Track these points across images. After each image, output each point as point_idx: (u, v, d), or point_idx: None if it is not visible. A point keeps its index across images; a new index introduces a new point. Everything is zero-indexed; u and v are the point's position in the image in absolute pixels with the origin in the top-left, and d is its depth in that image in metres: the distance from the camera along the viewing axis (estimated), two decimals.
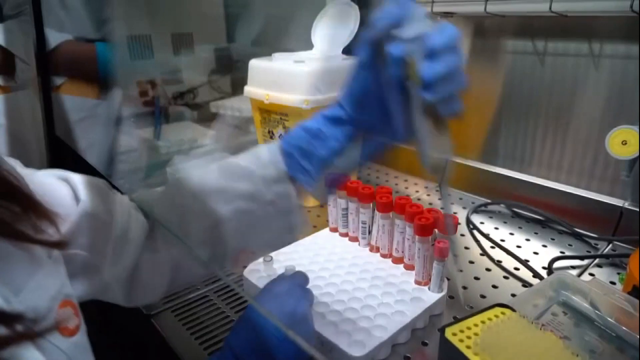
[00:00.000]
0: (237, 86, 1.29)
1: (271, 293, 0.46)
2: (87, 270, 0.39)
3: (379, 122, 0.39)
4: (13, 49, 0.77)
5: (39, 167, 0.85)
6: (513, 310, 0.51)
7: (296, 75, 0.77)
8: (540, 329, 0.46)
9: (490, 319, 0.49)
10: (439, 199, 0.93)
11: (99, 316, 0.83)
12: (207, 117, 1.22)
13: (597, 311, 0.53)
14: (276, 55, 0.86)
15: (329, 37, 0.87)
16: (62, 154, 0.81)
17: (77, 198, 0.39)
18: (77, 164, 0.80)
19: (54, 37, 0.80)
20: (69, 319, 0.31)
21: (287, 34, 1.13)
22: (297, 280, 0.49)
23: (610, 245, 0.74)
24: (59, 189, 0.39)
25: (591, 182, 0.80)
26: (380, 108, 0.37)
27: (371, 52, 0.36)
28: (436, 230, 0.56)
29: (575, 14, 0.72)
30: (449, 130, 0.36)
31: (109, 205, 0.42)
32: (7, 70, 0.78)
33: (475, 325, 0.49)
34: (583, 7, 0.69)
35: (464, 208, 0.88)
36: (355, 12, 0.84)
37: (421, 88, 0.32)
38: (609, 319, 0.52)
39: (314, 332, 0.46)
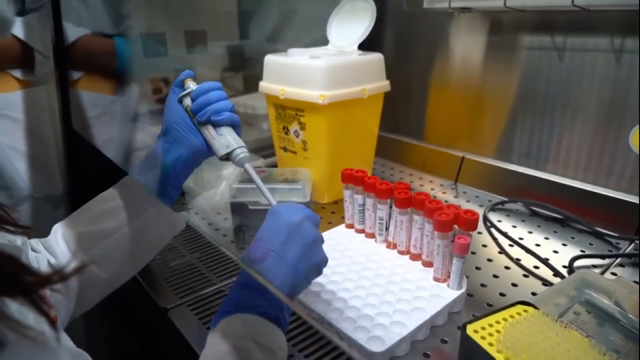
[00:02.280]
0: (249, 84, 1.29)
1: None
2: None
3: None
4: (32, 43, 0.77)
5: (57, 161, 0.86)
6: (536, 308, 0.50)
7: (313, 71, 0.76)
8: (565, 327, 0.45)
9: (512, 317, 0.49)
10: (455, 197, 0.92)
11: (117, 312, 0.83)
12: None
13: (622, 310, 0.52)
14: (292, 50, 0.85)
15: (345, 32, 0.87)
16: (79, 148, 0.82)
17: None
18: (94, 158, 0.80)
19: (72, 32, 0.81)
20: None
21: (301, 31, 1.12)
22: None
23: (633, 245, 0.72)
24: None
25: (609, 179, 0.79)
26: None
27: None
28: (456, 226, 0.55)
29: (598, 7, 0.71)
30: (231, 131, 0.53)
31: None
32: (27, 64, 0.79)
33: (497, 322, 0.48)
34: (606, 0, 0.68)
35: (481, 206, 0.86)
36: (371, 8, 0.83)
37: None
38: (635, 319, 0.50)
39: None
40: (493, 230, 0.77)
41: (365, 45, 0.87)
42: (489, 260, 0.69)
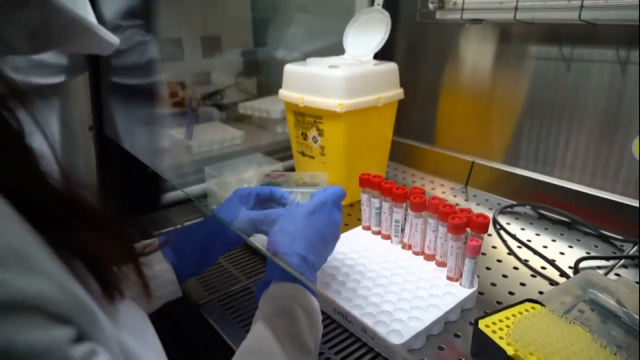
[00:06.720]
0: (263, 88, 1.34)
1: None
2: None
3: None
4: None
5: (87, 164, 0.90)
6: (543, 305, 0.54)
7: (331, 80, 0.80)
8: (570, 324, 0.49)
9: (520, 313, 0.53)
10: (465, 200, 0.96)
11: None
12: (234, 118, 1.27)
13: (624, 308, 0.55)
14: (310, 60, 0.89)
15: (361, 42, 0.91)
16: (111, 154, 0.86)
17: None
18: (126, 163, 0.85)
19: None
20: None
21: (315, 39, 1.16)
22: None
23: (636, 247, 0.76)
24: None
25: (615, 185, 0.82)
26: None
27: None
28: (468, 229, 0.59)
29: (604, 22, 0.74)
30: None
31: None
32: (62, 72, 0.83)
33: (507, 318, 0.52)
34: (612, 15, 0.72)
35: (490, 209, 0.90)
36: (386, 19, 0.87)
37: None
38: (636, 316, 0.54)
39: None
40: (502, 232, 0.81)
41: (379, 54, 0.91)
42: (499, 261, 0.73)
